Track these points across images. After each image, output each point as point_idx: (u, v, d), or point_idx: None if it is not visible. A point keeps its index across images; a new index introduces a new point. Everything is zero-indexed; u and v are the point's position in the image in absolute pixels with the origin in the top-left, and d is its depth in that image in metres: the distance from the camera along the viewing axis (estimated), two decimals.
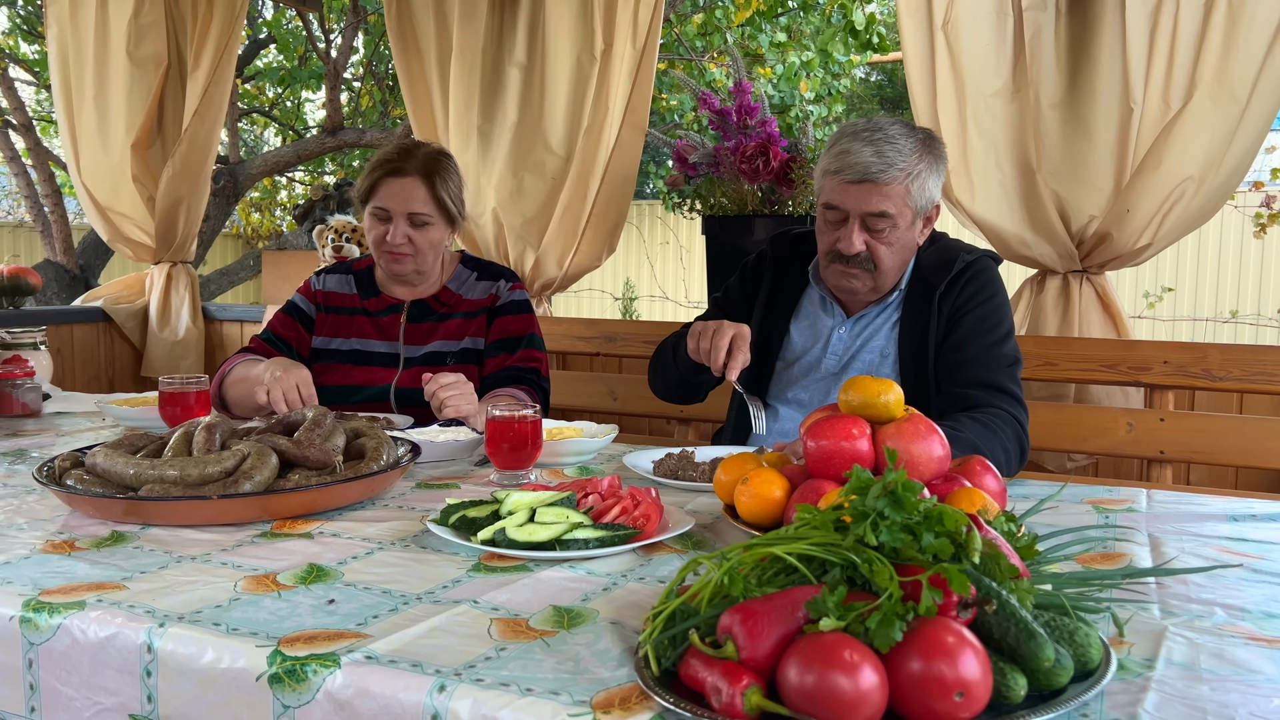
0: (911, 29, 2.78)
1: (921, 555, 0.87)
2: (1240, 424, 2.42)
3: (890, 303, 2.08)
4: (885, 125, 1.94)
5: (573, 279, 3.47)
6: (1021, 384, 1.97)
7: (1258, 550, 1.34)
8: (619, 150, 3.24)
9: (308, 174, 9.42)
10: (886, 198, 1.91)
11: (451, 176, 2.30)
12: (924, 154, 1.94)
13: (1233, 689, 0.89)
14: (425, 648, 0.97)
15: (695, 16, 7.49)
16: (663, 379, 2.26)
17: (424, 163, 2.26)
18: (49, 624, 1.06)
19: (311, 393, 2.01)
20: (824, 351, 2.10)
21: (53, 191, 5.78)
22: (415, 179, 2.25)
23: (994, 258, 2.10)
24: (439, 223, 2.29)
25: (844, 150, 1.93)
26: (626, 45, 3.19)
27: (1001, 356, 1.96)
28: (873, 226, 1.94)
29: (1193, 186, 2.54)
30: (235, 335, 4.38)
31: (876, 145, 1.90)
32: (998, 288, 2.04)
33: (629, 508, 1.35)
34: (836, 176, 1.94)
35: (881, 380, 1.28)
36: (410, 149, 2.29)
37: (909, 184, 1.92)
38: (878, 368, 2.05)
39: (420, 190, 2.25)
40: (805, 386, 2.10)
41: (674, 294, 10.86)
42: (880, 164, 1.89)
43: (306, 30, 6.59)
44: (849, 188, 1.93)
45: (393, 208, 2.25)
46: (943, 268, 2.03)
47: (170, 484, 1.42)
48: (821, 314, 2.15)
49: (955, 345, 1.98)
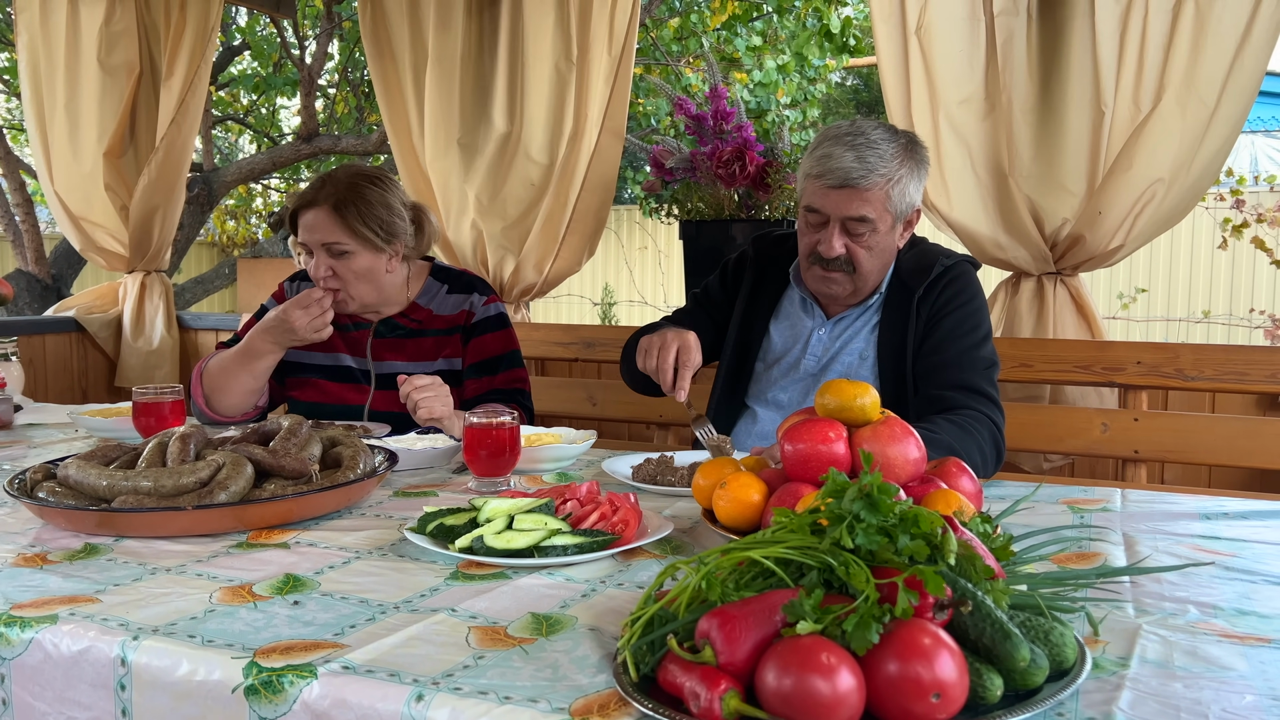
0: (885, 34, 2.80)
1: (898, 557, 0.87)
2: (1212, 423, 2.45)
3: (870, 305, 2.09)
4: (868, 129, 1.95)
5: (552, 284, 3.47)
6: (999, 386, 1.99)
7: (1230, 548, 1.36)
8: (598, 156, 3.24)
9: (283, 181, 9.36)
10: (867, 203, 1.92)
11: (368, 200, 2.17)
12: (905, 158, 1.95)
13: (1206, 686, 0.90)
14: (403, 657, 0.96)
15: (671, 21, 7.51)
16: (629, 375, 2.26)
17: (334, 191, 2.16)
18: (21, 638, 1.05)
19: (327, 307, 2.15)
20: (804, 352, 2.11)
21: (24, 200, 5.71)
22: (324, 209, 2.16)
23: (973, 263, 2.11)
24: (361, 250, 2.18)
25: (826, 154, 1.93)
26: (603, 52, 3.20)
27: (979, 359, 1.97)
28: (853, 230, 1.95)
29: (1163, 188, 2.57)
30: (210, 344, 4.35)
31: (858, 150, 1.91)
32: (976, 291, 2.05)
33: (607, 513, 1.35)
34: (818, 181, 1.95)
35: (858, 383, 1.29)
36: (327, 178, 2.21)
37: (889, 189, 1.93)
38: (856, 369, 2.05)
39: (328, 220, 2.16)
40: (785, 387, 2.11)
41: (653, 299, 10.87)
42: (861, 169, 1.90)
43: (281, 37, 6.56)
44: (830, 192, 1.94)
45: (308, 240, 2.19)
46: (922, 271, 2.04)
47: (144, 495, 1.41)
48: (802, 315, 2.16)
49: (933, 348, 1.99)
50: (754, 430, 2.13)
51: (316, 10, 6.96)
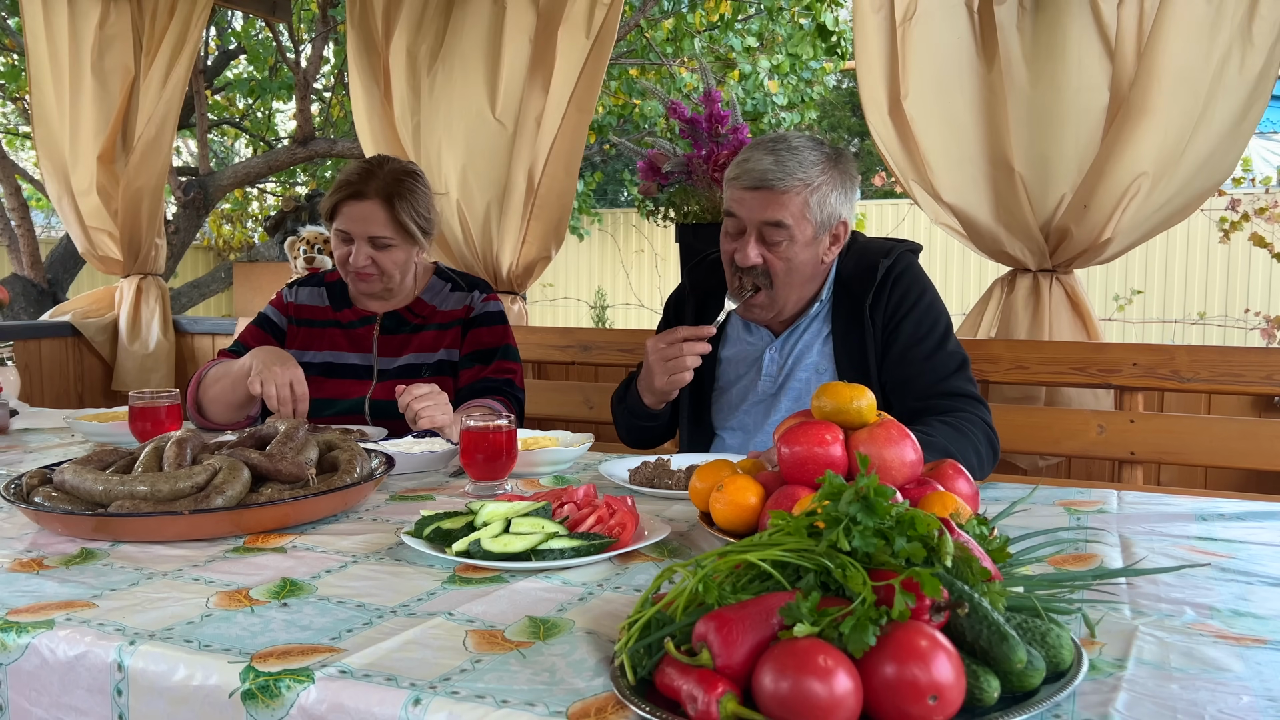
0: (876, 25, 2.80)
1: (894, 560, 0.87)
2: (1208, 424, 2.46)
3: (815, 315, 2.04)
4: (792, 137, 1.94)
5: (530, 271, 3.50)
6: (975, 380, 1.97)
7: (1226, 549, 1.36)
8: (564, 129, 3.29)
9: (279, 185, 9.36)
10: (783, 207, 1.88)
11: (415, 195, 2.25)
12: (828, 168, 1.92)
13: (1202, 687, 0.90)
14: (400, 661, 0.96)
15: (665, 22, 7.52)
16: (625, 432, 2.25)
17: (385, 185, 2.22)
18: (17, 643, 1.05)
19: (304, 392, 2.01)
20: (758, 375, 2.07)
21: (19, 205, 5.70)
22: (375, 202, 2.21)
23: (913, 249, 2.06)
24: (401, 244, 2.26)
25: (745, 158, 1.92)
26: (580, 35, 3.24)
27: (948, 359, 1.94)
28: (769, 238, 1.91)
29: (1147, 182, 2.57)
30: (207, 348, 4.35)
31: (777, 154, 1.88)
32: (925, 284, 2.00)
33: (605, 517, 1.35)
34: (735, 183, 1.93)
35: (854, 386, 1.29)
36: (373, 169, 2.25)
37: (808, 195, 1.89)
38: (815, 384, 1.99)
39: (380, 214, 2.21)
40: (746, 411, 2.07)
41: (649, 301, 10.88)
42: (778, 172, 1.87)
43: (276, 41, 6.56)
44: (745, 194, 1.91)
45: (353, 231, 2.22)
46: (865, 275, 1.99)
47: (140, 500, 1.40)
48: (747, 338, 2.11)
49: (899, 358, 1.95)
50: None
51: (312, 14, 6.96)
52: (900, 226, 9.29)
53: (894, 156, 2.84)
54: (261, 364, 2.02)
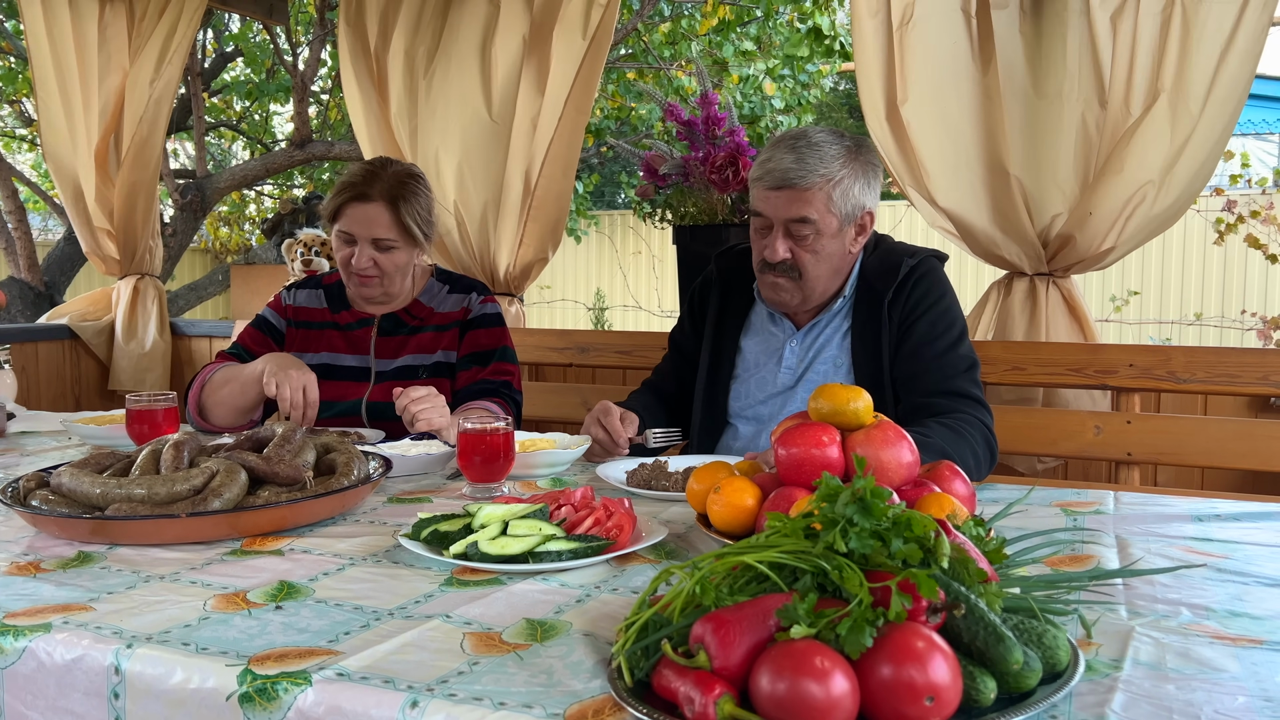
0: (873, 29, 2.80)
1: (891, 561, 0.87)
2: (1205, 425, 2.46)
3: (837, 311, 2.07)
4: (812, 133, 1.96)
5: (526, 273, 3.50)
6: (982, 385, 1.98)
7: (1222, 550, 1.36)
8: (561, 130, 3.30)
9: (276, 187, 9.35)
10: (807, 203, 1.92)
11: (418, 198, 2.26)
12: (849, 160, 1.94)
13: (1198, 688, 0.91)
14: (397, 664, 0.96)
15: (662, 25, 7.52)
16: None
17: (389, 187, 2.22)
18: (14, 647, 1.05)
19: (315, 398, 2.05)
20: (778, 366, 2.09)
21: (16, 207, 5.69)
22: (379, 204, 2.21)
23: (939, 256, 2.08)
24: (404, 246, 2.27)
25: (767, 158, 1.94)
26: (576, 36, 3.24)
27: (958, 360, 1.96)
28: (796, 233, 1.95)
29: (1153, 191, 2.58)
30: (204, 350, 4.34)
31: (798, 152, 1.91)
32: (945, 289, 2.03)
33: (602, 519, 1.35)
34: (760, 184, 1.96)
35: (851, 387, 1.29)
36: (376, 171, 2.25)
37: (830, 190, 1.92)
38: (831, 379, 2.03)
39: (384, 216, 2.22)
40: (764, 402, 2.09)
41: (647, 303, 10.88)
42: (800, 170, 1.90)
43: (273, 43, 6.55)
44: (770, 194, 1.95)
45: (357, 233, 2.23)
46: (888, 273, 2.02)
47: (138, 503, 1.40)
48: (771, 328, 2.14)
49: (910, 354, 1.97)
50: (735, 447, 2.12)
51: (309, 16, 6.96)
52: (897, 228, 9.30)
53: (891, 160, 2.84)
54: (276, 366, 2.07)
